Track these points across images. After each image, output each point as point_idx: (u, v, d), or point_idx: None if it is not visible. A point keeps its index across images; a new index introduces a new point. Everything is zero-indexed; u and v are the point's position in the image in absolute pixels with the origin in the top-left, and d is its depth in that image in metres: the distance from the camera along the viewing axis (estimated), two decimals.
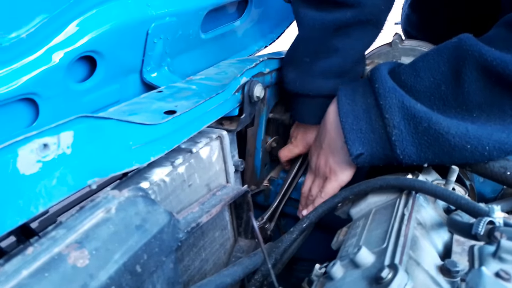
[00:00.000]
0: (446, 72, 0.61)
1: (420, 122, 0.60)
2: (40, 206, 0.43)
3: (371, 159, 0.67)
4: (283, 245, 0.69)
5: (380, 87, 0.65)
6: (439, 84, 0.61)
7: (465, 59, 0.59)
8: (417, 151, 0.62)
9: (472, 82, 0.58)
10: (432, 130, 0.60)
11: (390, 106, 0.63)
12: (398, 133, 0.62)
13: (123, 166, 0.51)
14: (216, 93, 0.67)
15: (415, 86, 0.63)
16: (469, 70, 0.58)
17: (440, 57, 0.62)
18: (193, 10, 0.87)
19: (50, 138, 0.43)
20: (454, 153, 0.60)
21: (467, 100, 0.59)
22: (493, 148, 0.57)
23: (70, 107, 0.72)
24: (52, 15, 0.63)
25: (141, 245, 0.47)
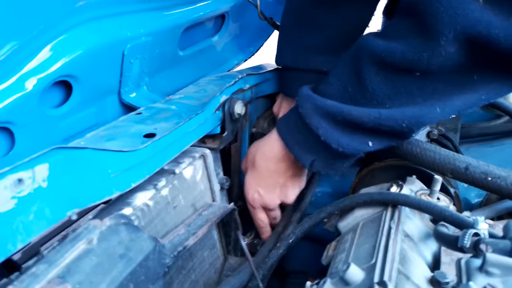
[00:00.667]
0: (349, 74, 0.63)
1: (336, 116, 0.63)
2: (18, 243, 0.42)
3: (324, 161, 0.68)
4: (270, 261, 0.69)
5: (298, 99, 0.68)
6: (345, 86, 0.64)
7: (360, 57, 0.61)
8: (351, 139, 0.63)
9: (372, 78, 0.60)
10: (348, 121, 0.62)
11: (306, 111, 0.65)
12: (324, 131, 0.64)
13: (102, 195, 0.50)
14: (196, 113, 0.67)
15: (327, 92, 0.66)
16: (366, 67, 0.60)
17: (344, 60, 0.66)
18: (169, 28, 0.87)
19: (25, 173, 0.41)
20: (378, 134, 0.61)
21: (374, 95, 0.61)
22: (410, 123, 0.58)
23: (47, 133, 0.70)
24: (22, 42, 0.62)
25: (126, 275, 0.46)
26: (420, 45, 0.55)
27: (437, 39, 0.53)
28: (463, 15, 0.51)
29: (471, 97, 0.56)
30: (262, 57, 1.18)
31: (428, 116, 0.57)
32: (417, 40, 0.55)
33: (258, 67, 0.93)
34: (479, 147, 0.91)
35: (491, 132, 0.93)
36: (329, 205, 0.68)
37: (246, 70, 0.88)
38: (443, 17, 0.52)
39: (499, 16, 0.50)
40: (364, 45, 0.61)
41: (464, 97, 0.57)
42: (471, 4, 0.51)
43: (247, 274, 0.68)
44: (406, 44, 0.56)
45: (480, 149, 0.91)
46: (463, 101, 0.57)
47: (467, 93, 0.56)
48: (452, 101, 0.57)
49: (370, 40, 0.60)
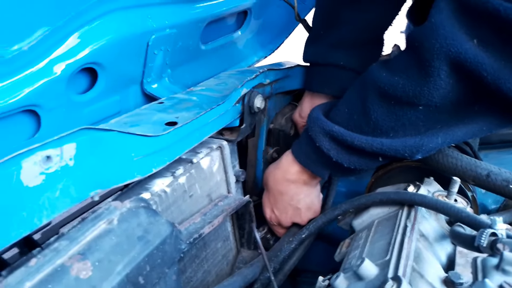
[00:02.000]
0: (356, 103, 0.67)
1: (343, 141, 0.66)
2: (44, 218, 0.43)
3: (341, 173, 0.74)
4: (282, 254, 0.69)
5: (309, 121, 0.72)
6: (351, 114, 0.67)
7: (366, 88, 0.65)
8: (360, 157, 0.67)
9: (376, 109, 0.63)
10: (355, 145, 0.65)
11: (316, 135, 0.70)
12: (335, 153, 0.68)
13: (125, 178, 0.51)
14: (217, 104, 0.68)
15: (335, 118, 0.69)
16: (370, 97, 0.63)
17: (354, 88, 0.69)
18: (193, 22, 0.88)
19: (53, 150, 0.43)
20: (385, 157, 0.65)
21: (377, 125, 0.63)
22: (411, 152, 0.61)
23: (71, 118, 0.72)
24: (53, 28, 0.63)
25: (143, 256, 0.47)
26: (420, 80, 0.57)
27: (435, 74, 0.55)
28: (457, 53, 0.52)
29: (472, 128, 0.58)
30: (282, 55, 1.19)
31: (429, 146, 0.60)
32: (416, 74, 0.57)
33: (278, 64, 0.94)
34: (498, 154, 0.90)
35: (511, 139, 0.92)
36: (344, 203, 0.68)
37: (267, 65, 0.89)
38: (438, 53, 0.54)
39: (491, 58, 0.51)
40: (370, 76, 0.64)
41: (465, 128, 0.58)
42: (465, 43, 0.52)
43: (259, 267, 0.69)
44: (407, 78, 0.58)
45: (499, 156, 0.89)
46: (464, 131, 0.58)
47: (469, 124, 0.58)
48: (453, 131, 0.59)
49: (376, 71, 0.63)
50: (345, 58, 0.81)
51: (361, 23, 0.79)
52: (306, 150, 0.75)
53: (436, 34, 0.53)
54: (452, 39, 0.52)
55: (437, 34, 0.53)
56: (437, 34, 0.53)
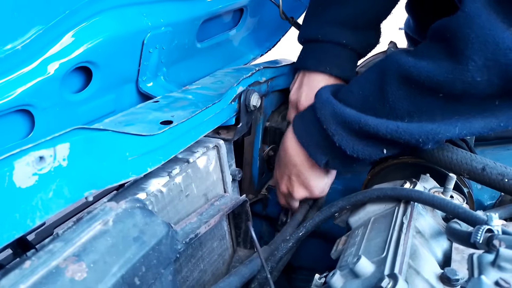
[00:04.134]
0: (372, 85, 0.65)
1: (352, 124, 0.64)
2: (37, 219, 0.43)
3: (337, 162, 0.72)
4: (279, 253, 0.69)
5: (316, 101, 0.71)
6: (367, 96, 0.66)
7: (386, 70, 0.63)
8: (366, 146, 0.66)
9: (395, 92, 0.62)
10: (365, 130, 0.63)
11: (325, 117, 0.68)
12: (340, 138, 0.66)
13: (119, 178, 0.51)
14: (212, 103, 0.67)
15: (348, 100, 0.68)
16: (390, 80, 0.62)
17: (368, 72, 0.68)
18: (188, 20, 0.88)
19: (46, 151, 0.43)
20: (394, 146, 0.64)
21: (394, 108, 0.62)
22: (426, 139, 0.60)
23: (65, 117, 0.71)
24: (47, 26, 0.63)
25: (139, 257, 0.47)
26: (448, 68, 0.56)
27: (465, 64, 0.54)
28: (494, 43, 0.51)
29: (490, 122, 0.57)
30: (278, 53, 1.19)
31: (445, 134, 0.59)
32: (446, 63, 0.56)
33: (274, 61, 0.94)
34: (495, 150, 0.90)
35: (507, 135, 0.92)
36: (340, 200, 0.68)
37: (263, 63, 0.89)
38: (473, 43, 0.53)
39: None
40: (392, 59, 0.63)
41: (484, 121, 0.58)
42: (503, 32, 0.51)
43: (256, 265, 0.69)
44: (435, 65, 0.57)
45: (496, 152, 0.90)
46: (482, 125, 0.58)
47: (488, 118, 0.57)
48: (471, 123, 0.58)
49: (399, 56, 0.62)
50: (347, 37, 0.79)
51: (363, 4, 0.79)
52: (309, 130, 0.73)
53: (471, 23, 0.52)
54: (488, 29, 0.51)
55: (472, 23, 0.52)
56: (472, 23, 0.52)
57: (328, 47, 0.81)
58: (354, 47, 0.81)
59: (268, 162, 0.96)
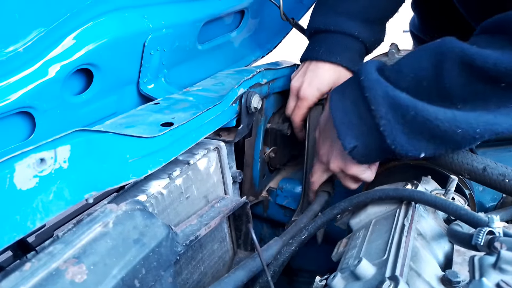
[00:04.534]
0: (428, 68, 0.62)
1: (407, 111, 0.60)
2: (37, 221, 0.43)
3: (365, 151, 0.66)
4: (282, 257, 0.68)
5: (365, 80, 0.65)
6: (420, 79, 0.62)
7: (447, 55, 0.60)
8: (409, 139, 0.62)
9: (453, 77, 0.59)
10: (420, 117, 0.60)
11: (375, 97, 0.63)
12: (386, 123, 0.62)
13: (120, 180, 0.51)
14: (213, 105, 0.67)
15: (398, 83, 0.63)
16: (450, 65, 0.59)
17: (422, 54, 0.64)
18: (189, 22, 0.88)
19: (47, 153, 0.43)
20: (445, 139, 0.60)
21: (449, 94, 0.60)
22: (484, 130, 0.57)
23: (66, 120, 0.72)
24: (49, 29, 0.63)
25: (139, 260, 0.47)
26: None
27: None
28: None
29: None
30: (279, 54, 1.19)
31: (503, 125, 0.57)
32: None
33: (275, 63, 0.94)
34: (496, 152, 0.90)
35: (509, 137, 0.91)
36: (342, 201, 0.67)
37: (264, 65, 0.89)
38: None
39: None
40: (452, 45, 0.60)
41: None
42: None
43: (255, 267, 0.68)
44: (502, 54, 0.56)
45: (498, 154, 0.89)
46: None
47: None
48: None
49: (459, 43, 0.60)
50: (359, 29, 0.79)
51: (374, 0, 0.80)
52: (347, 108, 0.67)
53: None
54: None
55: None
56: None
57: (340, 38, 0.80)
58: (364, 40, 0.81)
59: (269, 164, 0.96)
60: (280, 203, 0.96)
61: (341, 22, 0.80)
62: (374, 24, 0.83)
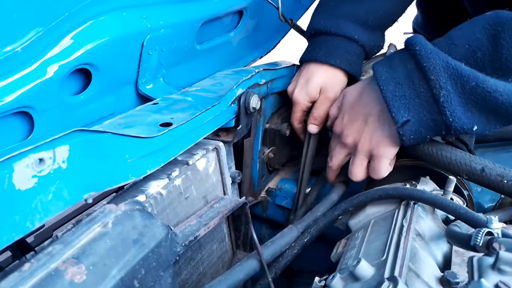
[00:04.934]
0: (482, 39, 0.61)
1: (468, 81, 0.59)
2: (36, 221, 0.43)
3: (418, 126, 0.63)
4: (284, 260, 0.68)
5: (422, 50, 0.63)
6: (474, 51, 0.61)
7: (504, 25, 0.59)
8: (465, 111, 0.60)
9: (511, 47, 0.59)
10: (480, 89, 0.58)
11: (434, 67, 0.61)
12: (446, 93, 0.60)
13: (119, 180, 0.51)
14: (212, 105, 0.67)
15: (453, 53, 0.62)
16: (508, 35, 0.59)
17: (475, 25, 0.62)
18: (188, 22, 0.88)
19: (46, 153, 0.42)
20: (500, 111, 0.59)
21: (504, 65, 0.59)
22: None
23: (65, 119, 0.71)
24: (47, 28, 0.63)
25: (138, 260, 0.47)
26: None
27: None
28: None
29: None
30: (278, 55, 1.19)
31: None
32: None
33: (274, 63, 0.94)
34: (495, 152, 0.90)
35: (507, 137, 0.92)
36: (343, 202, 0.67)
37: (262, 65, 0.89)
38: None
39: None
40: (510, 16, 0.59)
41: None
42: None
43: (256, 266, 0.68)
44: None
45: (496, 154, 0.90)
46: None
47: None
48: None
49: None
50: (359, 34, 0.80)
51: (376, 4, 0.80)
52: (399, 78, 0.64)
53: None
54: None
55: None
56: None
57: (340, 41, 0.80)
58: (364, 44, 0.81)
59: (268, 164, 0.96)
60: (279, 204, 0.96)
61: (342, 25, 0.80)
62: (374, 30, 0.83)
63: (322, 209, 0.73)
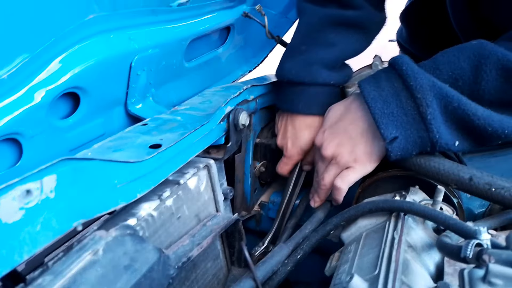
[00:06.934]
0: (466, 68, 0.64)
1: (451, 102, 0.62)
2: (25, 253, 0.42)
3: (405, 143, 0.65)
4: (278, 277, 0.68)
5: (409, 69, 0.65)
6: (457, 79, 0.64)
7: (487, 58, 0.62)
8: (447, 128, 0.63)
9: (490, 81, 0.62)
10: (461, 110, 0.62)
11: (421, 85, 0.63)
12: (432, 111, 0.62)
13: (108, 206, 0.51)
14: (201, 124, 0.67)
15: (437, 77, 0.65)
16: (489, 68, 0.62)
17: (461, 53, 0.65)
18: (175, 41, 0.88)
19: (33, 184, 0.42)
20: (475, 133, 0.63)
21: (481, 96, 0.63)
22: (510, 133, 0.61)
23: (54, 144, 0.71)
24: (33, 54, 0.63)
25: (130, 286, 0.47)
26: None
27: None
28: None
29: None
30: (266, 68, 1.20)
31: None
32: None
33: (262, 78, 0.94)
34: (483, 158, 0.91)
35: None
36: (334, 217, 0.68)
37: (250, 81, 0.90)
38: None
39: None
40: (495, 50, 0.62)
41: None
42: None
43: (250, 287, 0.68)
44: None
45: (484, 160, 0.90)
46: None
47: None
48: None
49: (497, 47, 0.63)
50: (334, 77, 0.81)
51: (345, 45, 0.81)
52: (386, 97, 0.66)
53: None
54: None
55: None
56: None
57: (317, 89, 0.81)
58: (339, 83, 0.83)
59: (260, 178, 0.96)
60: (272, 217, 0.96)
61: (316, 74, 0.80)
62: (343, 67, 0.85)
63: (310, 226, 0.74)
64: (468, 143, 0.65)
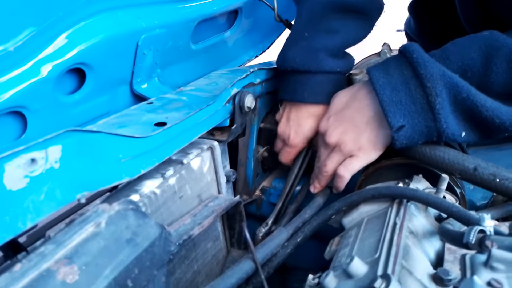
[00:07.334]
0: (476, 59, 0.63)
1: (460, 92, 0.61)
2: (28, 221, 0.42)
3: (412, 132, 0.65)
4: (277, 259, 0.68)
5: (419, 57, 0.64)
6: (466, 70, 0.64)
7: (499, 49, 0.62)
8: (454, 118, 0.63)
9: (500, 73, 0.62)
10: (469, 101, 0.61)
11: (431, 74, 0.62)
12: (441, 101, 0.62)
13: (112, 180, 0.51)
14: (206, 105, 0.67)
15: (447, 67, 0.64)
16: (500, 60, 0.61)
17: (472, 44, 0.64)
18: (183, 21, 0.88)
19: (38, 153, 0.42)
20: (483, 125, 0.62)
21: (489, 88, 0.62)
22: None
23: (59, 119, 0.71)
24: (40, 28, 0.63)
25: (132, 259, 0.47)
26: None
27: None
28: None
29: None
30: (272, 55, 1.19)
31: None
32: None
33: (269, 63, 0.94)
34: (487, 151, 0.90)
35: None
36: (336, 202, 0.68)
37: (257, 65, 0.89)
38: None
39: None
40: (505, 42, 0.62)
41: None
42: None
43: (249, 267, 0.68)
44: None
45: (488, 153, 0.90)
46: None
47: None
48: None
49: (509, 39, 0.62)
50: (340, 65, 0.80)
51: (348, 32, 0.80)
52: (395, 84, 0.65)
53: None
54: None
55: None
56: None
57: (323, 78, 0.80)
58: (344, 71, 0.82)
59: (263, 163, 0.96)
60: (273, 202, 0.96)
61: (322, 62, 0.79)
62: (346, 55, 0.84)
63: (310, 211, 0.74)
64: (474, 134, 0.64)
